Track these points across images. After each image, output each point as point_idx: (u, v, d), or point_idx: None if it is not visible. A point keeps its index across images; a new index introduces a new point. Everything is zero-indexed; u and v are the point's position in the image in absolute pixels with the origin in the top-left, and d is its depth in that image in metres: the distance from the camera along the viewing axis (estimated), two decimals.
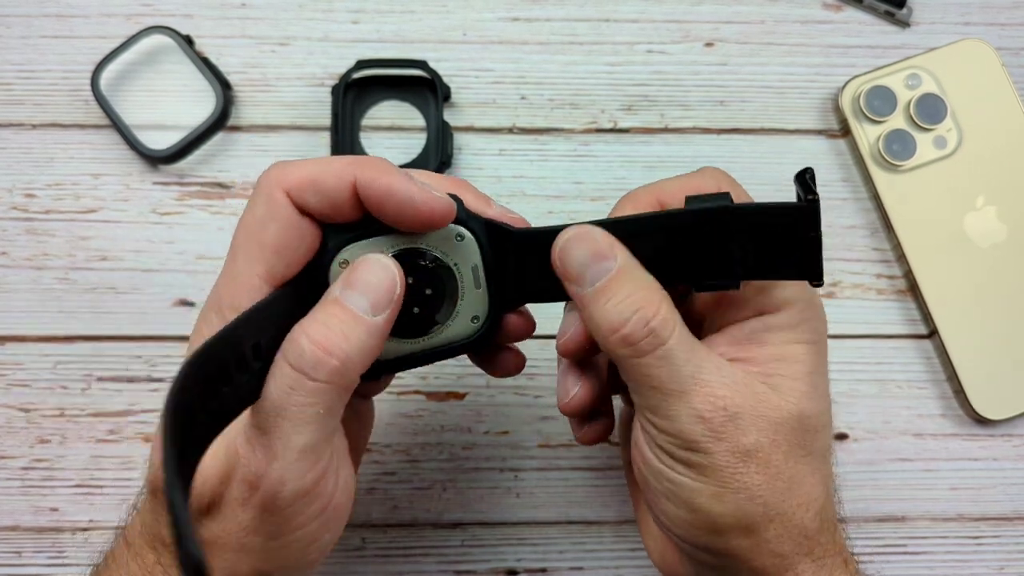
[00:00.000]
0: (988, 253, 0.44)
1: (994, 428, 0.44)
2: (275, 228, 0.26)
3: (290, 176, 0.27)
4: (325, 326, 0.25)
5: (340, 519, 0.28)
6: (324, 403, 0.25)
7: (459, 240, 0.29)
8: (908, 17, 0.47)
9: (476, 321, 0.30)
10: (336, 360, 0.25)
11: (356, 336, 0.25)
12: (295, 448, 0.25)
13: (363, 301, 0.26)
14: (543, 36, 0.47)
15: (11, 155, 0.45)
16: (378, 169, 0.26)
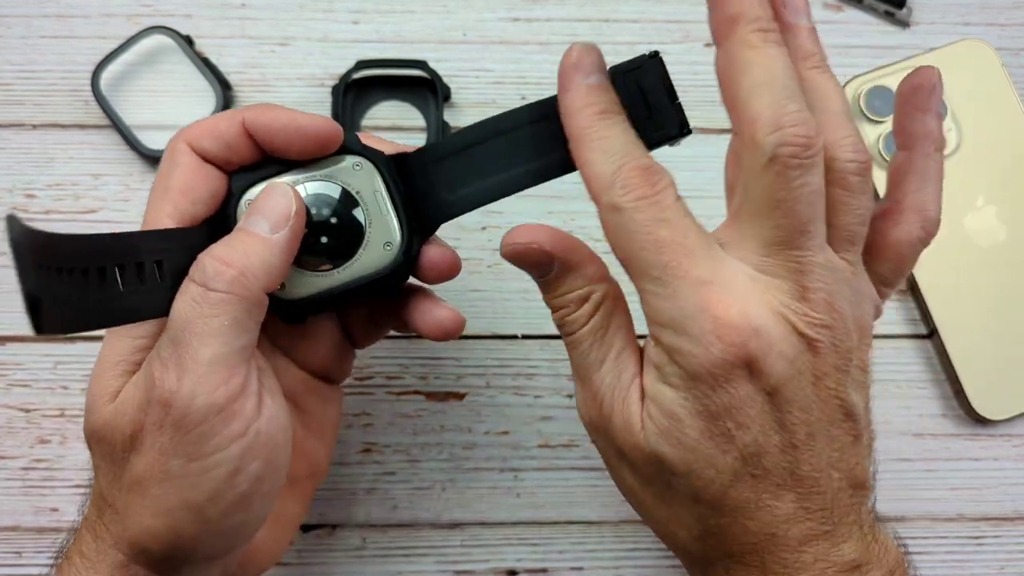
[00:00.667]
0: (988, 253, 0.44)
1: (994, 428, 0.44)
2: (178, 172, 0.29)
3: (189, 129, 0.29)
4: (227, 245, 0.27)
5: (270, 450, 0.28)
6: (227, 313, 0.26)
7: (357, 169, 0.30)
8: (908, 17, 0.47)
9: (389, 248, 0.30)
10: (234, 270, 0.26)
11: (255, 251, 0.27)
12: (203, 361, 0.26)
13: (263, 223, 0.27)
14: (544, 36, 0.47)
15: (11, 155, 0.45)
16: (264, 106, 0.29)
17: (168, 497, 0.26)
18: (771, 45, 0.27)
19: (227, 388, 0.26)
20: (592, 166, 0.27)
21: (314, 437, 0.33)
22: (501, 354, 0.44)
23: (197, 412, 0.26)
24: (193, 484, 0.26)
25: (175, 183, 0.28)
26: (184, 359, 0.26)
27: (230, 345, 0.26)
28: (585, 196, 0.46)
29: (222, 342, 0.26)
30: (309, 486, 0.34)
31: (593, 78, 0.28)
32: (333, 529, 0.42)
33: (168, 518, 0.26)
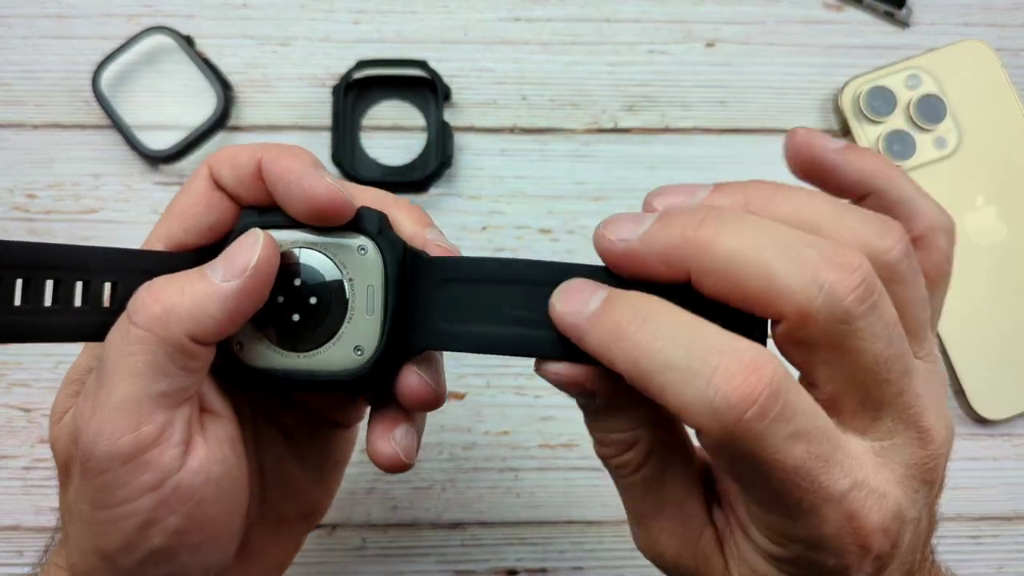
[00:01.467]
0: (988, 253, 0.44)
1: (994, 428, 0.44)
2: (185, 195, 0.27)
3: (218, 153, 0.27)
4: (170, 280, 0.24)
5: (194, 504, 0.25)
6: (144, 354, 0.23)
7: (361, 253, 0.26)
8: (908, 18, 0.47)
9: (359, 353, 0.26)
10: (159, 307, 0.23)
11: (193, 292, 0.24)
12: (113, 402, 0.23)
13: (219, 267, 0.24)
14: (544, 36, 0.47)
15: (12, 155, 0.45)
16: (286, 152, 0.25)
17: (82, 540, 0.25)
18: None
19: (135, 436, 0.23)
20: (668, 394, 0.20)
21: (311, 477, 0.31)
22: None
23: (99, 458, 0.23)
24: (101, 532, 0.24)
25: (178, 206, 0.27)
26: (99, 396, 0.23)
27: (144, 389, 0.23)
28: (586, 196, 0.46)
29: (135, 385, 0.23)
30: (302, 527, 0.32)
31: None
32: (333, 529, 0.42)
33: (84, 559, 0.25)
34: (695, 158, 0.46)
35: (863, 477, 0.21)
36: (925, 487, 0.23)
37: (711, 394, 0.19)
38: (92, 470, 0.24)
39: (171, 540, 0.25)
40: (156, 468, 0.24)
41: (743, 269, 0.21)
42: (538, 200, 0.45)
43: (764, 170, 0.47)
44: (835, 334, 0.20)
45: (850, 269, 0.20)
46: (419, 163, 0.45)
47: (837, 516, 0.21)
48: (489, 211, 0.45)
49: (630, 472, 0.25)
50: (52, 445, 0.26)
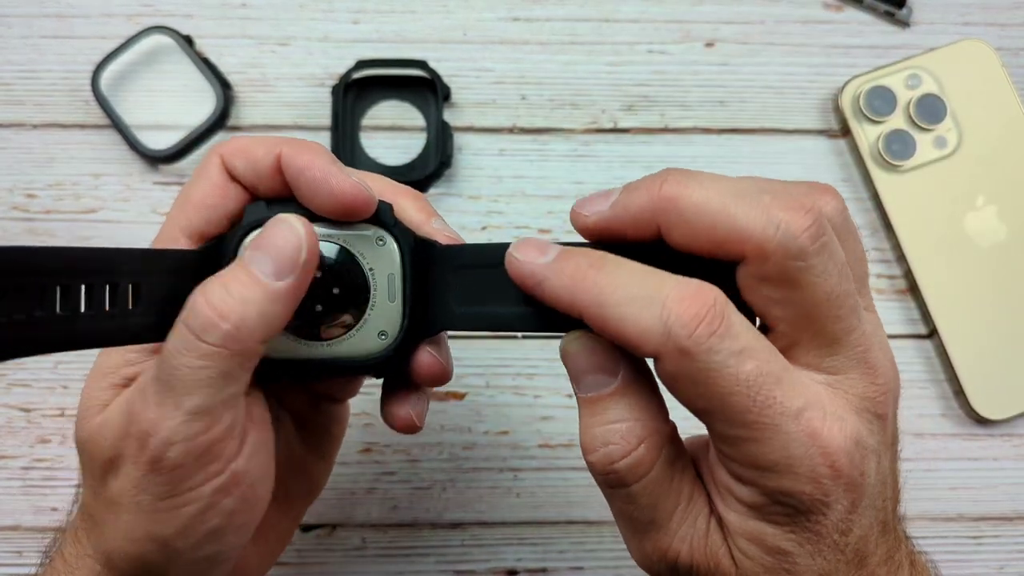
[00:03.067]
0: (988, 253, 0.44)
1: (994, 428, 0.44)
2: (201, 185, 0.27)
3: (228, 144, 0.27)
4: (224, 288, 0.24)
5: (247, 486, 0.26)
6: (217, 366, 0.24)
7: (380, 244, 0.27)
8: (908, 17, 0.47)
9: (383, 338, 0.27)
10: (229, 324, 0.24)
11: (255, 301, 0.24)
12: (186, 410, 0.24)
13: (267, 264, 0.24)
14: (544, 36, 0.47)
15: (12, 155, 0.45)
16: (305, 147, 0.26)
17: (136, 528, 0.25)
18: None
19: (208, 436, 0.25)
20: (627, 323, 0.23)
21: (315, 455, 0.32)
22: (501, 354, 0.44)
23: (173, 458, 0.24)
24: (161, 520, 0.25)
25: (194, 195, 0.27)
26: (166, 403, 0.24)
27: (217, 396, 0.24)
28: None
29: (208, 393, 0.24)
30: (304, 503, 0.33)
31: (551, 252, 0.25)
32: (333, 529, 0.42)
33: (136, 546, 0.26)
34: (694, 158, 0.46)
35: (817, 399, 0.23)
36: (878, 420, 0.25)
37: (665, 316, 0.22)
38: (164, 468, 0.24)
39: (225, 521, 0.26)
40: (221, 458, 0.25)
41: (708, 216, 0.23)
42: (537, 200, 0.45)
43: (764, 170, 0.48)
44: (791, 270, 0.23)
45: (803, 210, 0.23)
46: (418, 163, 0.45)
47: (799, 433, 0.22)
48: (488, 211, 0.45)
49: (643, 472, 0.25)
50: (89, 439, 0.27)
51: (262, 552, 0.31)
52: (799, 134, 0.46)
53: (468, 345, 0.44)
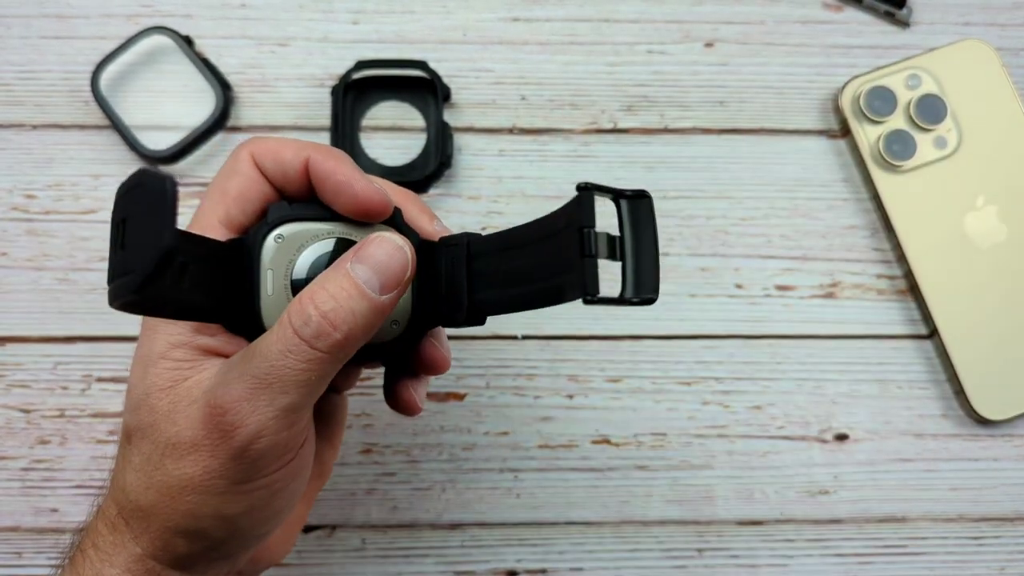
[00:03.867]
0: (988, 253, 0.44)
1: (994, 428, 0.44)
2: (237, 180, 0.29)
3: (257, 143, 0.29)
4: (334, 299, 0.26)
5: (306, 467, 0.29)
6: (320, 371, 0.26)
7: None
8: (908, 17, 0.47)
9: (396, 326, 0.30)
10: (340, 335, 0.26)
11: (362, 313, 0.26)
12: (279, 407, 0.26)
13: (374, 279, 0.26)
14: (543, 36, 0.47)
15: (11, 156, 0.45)
16: (331, 153, 0.29)
17: (203, 507, 0.26)
18: None
19: (293, 430, 0.26)
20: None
21: (324, 441, 0.34)
22: (501, 354, 0.44)
23: (259, 450, 0.26)
24: (232, 500, 0.27)
25: (232, 189, 0.29)
26: (260, 399, 0.25)
27: (310, 397, 0.26)
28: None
29: (304, 393, 0.26)
30: (316, 487, 0.35)
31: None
32: (333, 530, 0.42)
33: (199, 522, 0.27)
34: (694, 158, 0.46)
35: None
36: None
37: None
38: (247, 457, 0.26)
39: (287, 500, 0.28)
40: (294, 448, 0.27)
41: None
42: (537, 200, 0.45)
43: (763, 170, 0.48)
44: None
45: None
46: (418, 163, 0.45)
47: None
48: (488, 211, 0.45)
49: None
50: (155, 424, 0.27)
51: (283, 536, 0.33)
52: (799, 134, 0.46)
53: (468, 346, 0.44)
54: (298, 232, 0.29)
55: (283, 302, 0.28)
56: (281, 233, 0.28)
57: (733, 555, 0.43)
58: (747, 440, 0.44)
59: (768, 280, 0.45)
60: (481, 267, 0.29)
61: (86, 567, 0.27)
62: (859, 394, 0.44)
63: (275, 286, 0.28)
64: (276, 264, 0.28)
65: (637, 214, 0.26)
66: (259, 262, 0.28)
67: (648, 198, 0.27)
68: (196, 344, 0.28)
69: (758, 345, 0.44)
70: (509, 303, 0.28)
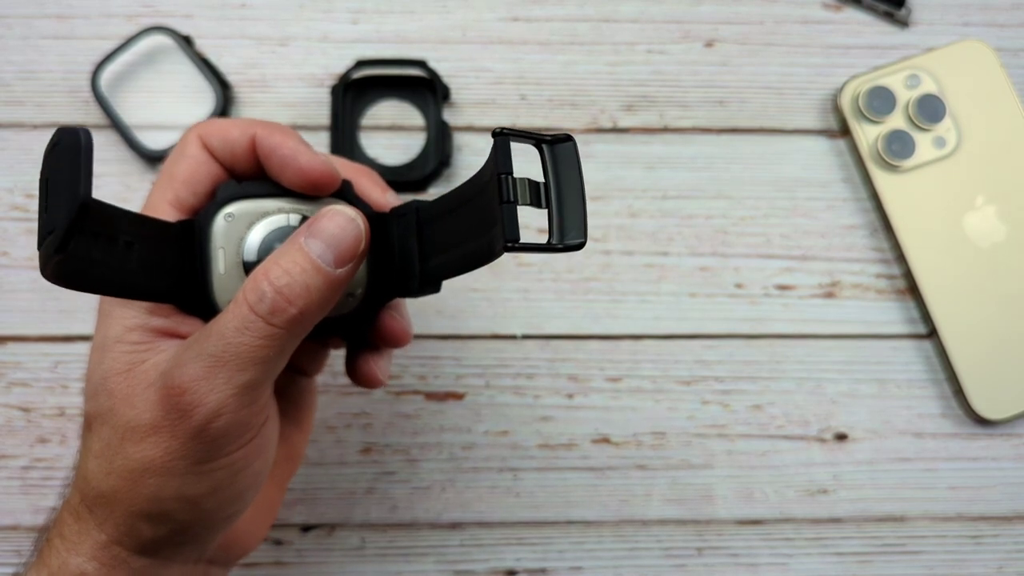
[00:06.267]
0: (988, 253, 0.44)
1: (994, 428, 0.44)
2: (185, 162, 0.29)
3: (206, 125, 0.30)
4: (288, 274, 0.26)
5: (268, 446, 0.29)
6: (277, 346, 0.26)
7: None
8: (907, 17, 0.47)
9: (351, 299, 0.30)
10: (295, 309, 0.26)
11: (317, 287, 0.26)
12: (237, 384, 0.25)
13: (328, 253, 0.26)
14: (543, 36, 0.47)
15: (12, 155, 0.45)
16: (277, 129, 0.29)
17: (165, 490, 0.26)
18: None
19: (252, 408, 0.26)
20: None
21: (293, 425, 0.34)
22: (501, 354, 0.44)
23: (218, 428, 0.26)
24: (193, 481, 0.27)
25: (179, 172, 0.29)
26: (217, 378, 0.25)
27: (269, 373, 0.26)
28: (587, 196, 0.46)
29: (262, 370, 0.26)
30: (288, 471, 0.35)
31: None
32: (332, 529, 0.42)
33: (163, 504, 0.27)
34: (694, 158, 0.46)
35: None
36: None
37: None
38: (206, 438, 0.26)
39: (252, 481, 0.28)
40: (255, 426, 0.27)
41: None
42: None
43: (763, 170, 0.48)
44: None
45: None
46: (418, 163, 0.45)
47: None
48: None
49: None
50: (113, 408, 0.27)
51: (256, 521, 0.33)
52: (799, 134, 0.46)
53: (467, 345, 0.44)
54: (248, 209, 0.29)
55: (236, 280, 0.28)
56: (231, 212, 0.28)
57: (733, 554, 0.43)
58: (747, 440, 0.44)
59: (768, 280, 0.45)
60: (429, 233, 0.28)
61: (52, 557, 0.27)
62: (859, 394, 0.44)
63: (227, 264, 0.28)
64: (227, 242, 0.28)
65: (560, 159, 0.25)
66: (210, 241, 0.28)
67: (571, 141, 0.25)
68: (151, 326, 0.28)
69: (758, 345, 0.44)
70: (454, 266, 0.27)
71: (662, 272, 0.45)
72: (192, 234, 0.28)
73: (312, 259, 0.26)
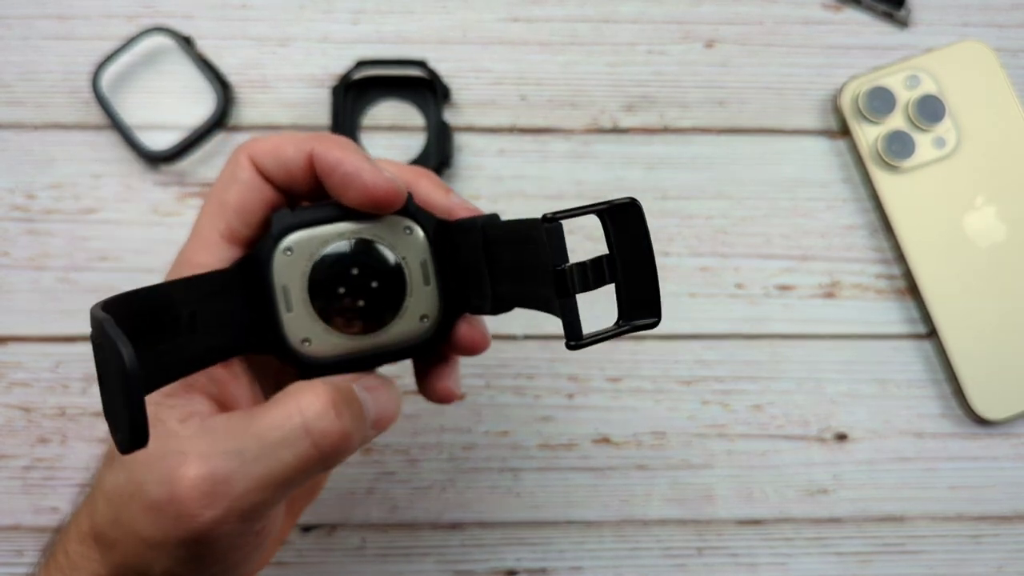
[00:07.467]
0: (988, 253, 0.44)
1: (994, 428, 0.44)
2: (236, 188, 0.27)
3: (256, 144, 0.27)
4: (339, 420, 0.26)
5: (271, 544, 0.28)
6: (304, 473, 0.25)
7: (407, 233, 0.28)
8: (907, 17, 0.47)
9: (425, 321, 0.28)
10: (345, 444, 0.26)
11: (356, 440, 0.26)
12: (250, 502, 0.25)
13: (371, 415, 0.27)
14: (543, 36, 0.47)
15: (12, 155, 0.45)
16: (335, 143, 0.27)
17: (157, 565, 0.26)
18: None
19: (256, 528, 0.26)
20: None
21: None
22: (501, 354, 0.44)
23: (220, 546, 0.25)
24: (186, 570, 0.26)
25: (232, 199, 0.27)
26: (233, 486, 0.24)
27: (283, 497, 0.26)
28: (585, 196, 0.46)
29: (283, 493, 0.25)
30: (306, 502, 0.34)
31: None
32: (333, 529, 0.42)
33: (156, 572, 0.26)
34: (694, 158, 0.46)
35: None
36: None
37: None
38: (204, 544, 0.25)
39: (252, 566, 0.27)
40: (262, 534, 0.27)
41: None
42: (537, 200, 0.45)
43: (763, 170, 0.48)
44: None
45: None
46: (418, 163, 0.45)
47: None
48: (488, 211, 0.45)
49: None
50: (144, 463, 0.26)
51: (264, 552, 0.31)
52: (799, 134, 0.46)
53: None
54: (307, 240, 0.27)
55: (305, 319, 0.27)
56: (289, 246, 0.27)
57: (733, 554, 0.43)
58: (747, 440, 0.44)
59: (768, 280, 0.45)
60: (496, 254, 0.27)
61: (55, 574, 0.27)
62: (859, 394, 0.44)
63: (295, 302, 0.27)
64: (290, 280, 0.27)
65: (625, 226, 0.23)
66: (273, 281, 0.27)
67: (635, 205, 0.23)
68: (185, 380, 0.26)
69: (758, 345, 0.45)
70: (527, 303, 0.26)
71: (662, 272, 0.45)
72: (253, 273, 0.27)
73: (359, 415, 0.26)
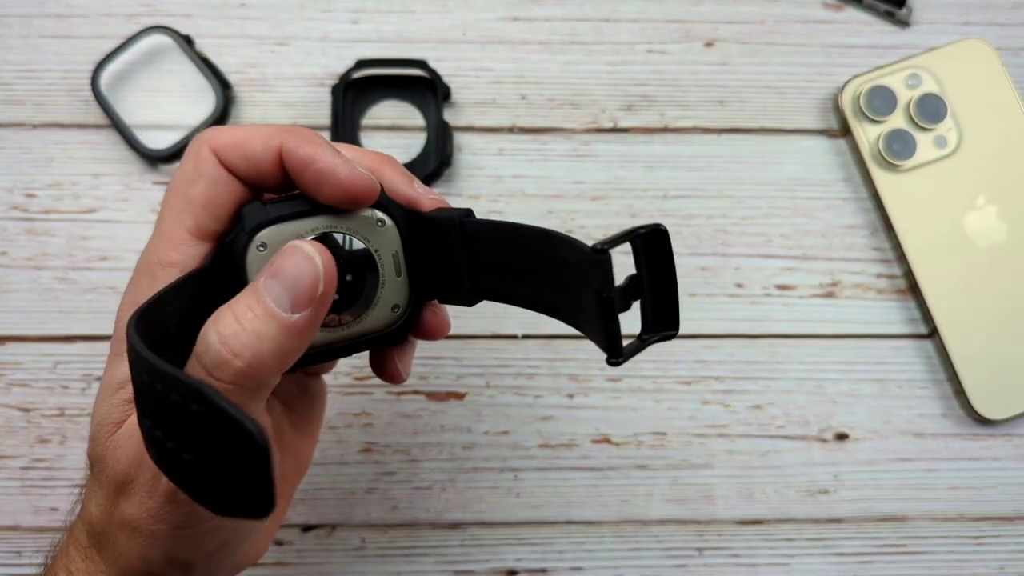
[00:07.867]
0: (988, 253, 0.44)
1: (994, 428, 0.44)
2: (203, 184, 0.26)
3: (219, 137, 0.26)
4: (238, 323, 0.23)
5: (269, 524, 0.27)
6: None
7: (380, 226, 0.28)
8: (908, 17, 0.47)
9: (396, 310, 0.29)
10: (242, 363, 0.23)
11: (270, 336, 0.23)
12: None
13: (284, 297, 0.23)
14: (543, 36, 0.47)
15: (11, 155, 0.45)
16: (304, 137, 0.26)
17: (153, 551, 0.25)
18: None
19: None
20: None
21: (301, 435, 0.32)
22: (501, 354, 0.44)
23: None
24: (180, 545, 0.25)
25: (197, 194, 0.26)
26: None
27: None
28: (585, 196, 0.46)
29: None
30: (294, 482, 0.33)
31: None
32: (333, 529, 0.42)
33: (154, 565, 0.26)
34: (694, 158, 0.46)
35: None
36: None
37: None
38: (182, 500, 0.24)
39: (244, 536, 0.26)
40: None
41: None
42: (537, 200, 0.45)
43: (763, 169, 0.48)
44: None
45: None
46: (418, 163, 0.45)
47: None
48: (488, 211, 0.45)
49: None
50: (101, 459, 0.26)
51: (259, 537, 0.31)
52: (799, 134, 0.46)
53: (468, 345, 0.44)
54: (281, 234, 0.26)
55: None
56: (263, 242, 0.26)
57: (733, 554, 0.43)
58: (747, 440, 0.44)
59: (768, 280, 0.45)
60: (478, 251, 0.28)
61: None
62: (859, 393, 0.44)
63: None
64: None
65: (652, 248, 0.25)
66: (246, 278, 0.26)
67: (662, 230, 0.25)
68: None
69: (758, 345, 0.44)
70: (519, 301, 0.28)
71: None
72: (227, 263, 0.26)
73: (265, 304, 0.23)
